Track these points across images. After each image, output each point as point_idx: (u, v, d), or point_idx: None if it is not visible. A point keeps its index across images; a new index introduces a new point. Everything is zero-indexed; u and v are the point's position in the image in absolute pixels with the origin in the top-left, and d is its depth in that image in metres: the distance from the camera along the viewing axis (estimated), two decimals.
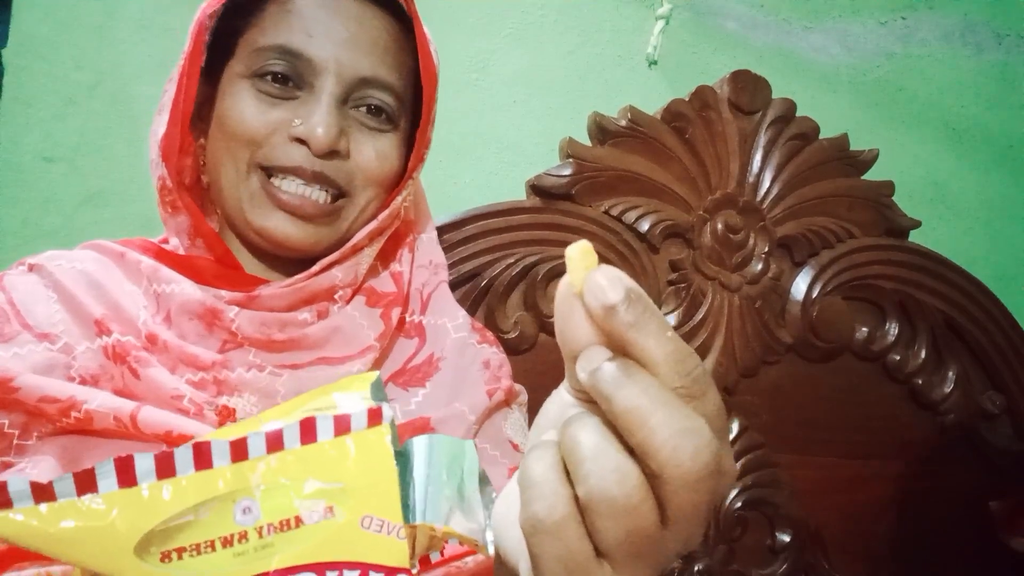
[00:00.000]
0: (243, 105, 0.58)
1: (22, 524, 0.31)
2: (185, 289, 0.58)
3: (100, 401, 0.52)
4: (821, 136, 0.98)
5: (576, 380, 0.29)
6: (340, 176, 0.60)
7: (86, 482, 0.32)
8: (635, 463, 0.26)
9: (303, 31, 0.58)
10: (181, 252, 0.62)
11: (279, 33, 0.58)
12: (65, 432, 0.53)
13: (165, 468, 0.33)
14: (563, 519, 0.27)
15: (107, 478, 0.33)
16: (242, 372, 0.56)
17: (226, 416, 0.55)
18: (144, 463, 0.33)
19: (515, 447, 0.64)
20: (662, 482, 0.26)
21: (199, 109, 0.61)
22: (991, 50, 1.52)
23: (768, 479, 0.93)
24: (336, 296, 0.62)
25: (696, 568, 0.90)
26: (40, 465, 0.51)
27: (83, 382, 0.54)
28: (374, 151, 0.61)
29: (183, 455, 0.33)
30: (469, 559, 0.51)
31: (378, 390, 0.40)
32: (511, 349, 0.84)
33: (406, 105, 0.63)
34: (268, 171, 0.59)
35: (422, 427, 0.59)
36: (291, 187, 0.58)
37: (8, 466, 0.52)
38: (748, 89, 0.95)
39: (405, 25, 0.63)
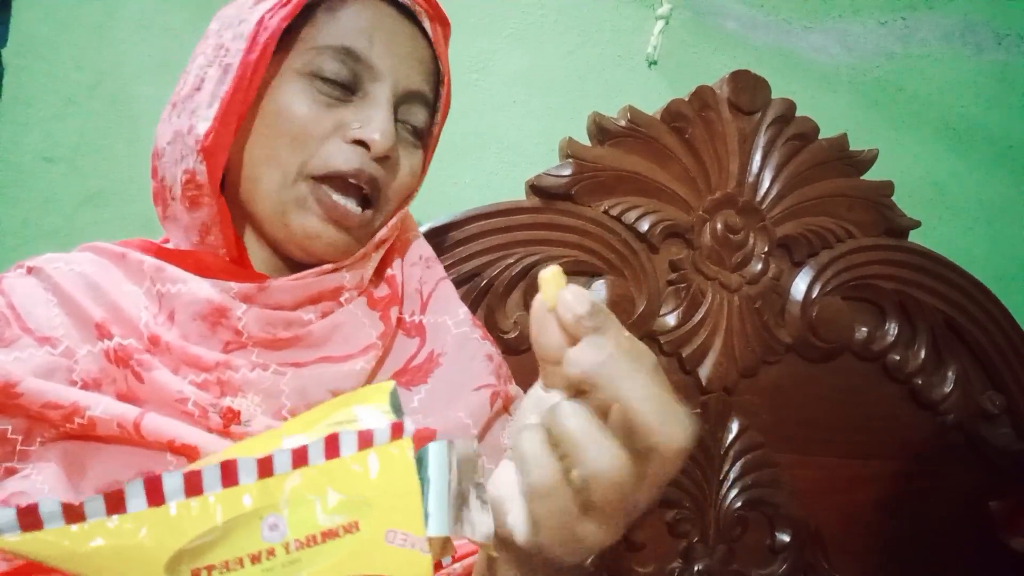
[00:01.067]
0: (299, 104, 0.58)
1: (53, 544, 0.32)
2: (192, 288, 0.58)
3: (103, 407, 0.52)
4: (821, 136, 0.98)
5: (553, 379, 0.36)
6: (384, 183, 0.61)
7: (115, 502, 0.33)
8: (621, 445, 0.32)
9: (365, 36, 0.59)
10: (185, 248, 0.61)
11: (341, 34, 0.59)
12: (69, 437, 0.53)
13: (193, 486, 0.34)
14: (556, 485, 0.33)
15: (136, 497, 0.33)
16: (246, 372, 0.56)
17: (230, 419, 0.54)
18: (172, 481, 0.33)
19: None
20: (648, 455, 0.32)
21: None
22: (991, 50, 1.52)
23: (768, 479, 0.93)
24: (342, 298, 0.62)
25: (696, 568, 0.90)
26: (45, 472, 0.51)
27: (85, 386, 0.54)
28: (410, 167, 0.63)
29: (210, 473, 0.34)
30: (458, 565, 0.52)
31: (395, 399, 0.41)
32: (511, 349, 0.84)
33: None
34: (319, 180, 0.59)
35: (428, 438, 0.59)
36: (338, 197, 0.59)
37: (12, 472, 0.52)
38: (748, 89, 0.95)
39: (431, 51, 0.65)
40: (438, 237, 0.83)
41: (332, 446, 0.35)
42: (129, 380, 0.55)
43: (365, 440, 0.36)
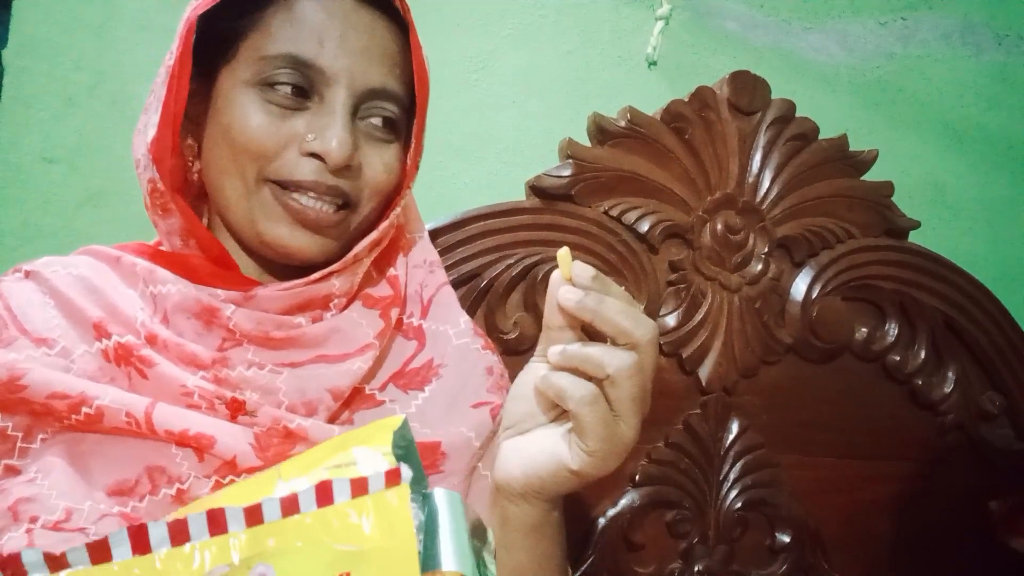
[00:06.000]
0: (252, 117, 0.56)
1: None
2: (181, 288, 0.58)
3: (112, 397, 0.52)
4: (821, 136, 0.98)
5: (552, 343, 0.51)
6: (351, 189, 0.59)
7: (100, 552, 0.33)
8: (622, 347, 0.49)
9: (314, 39, 0.56)
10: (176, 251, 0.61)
11: (288, 41, 0.56)
12: (71, 430, 0.53)
13: (179, 535, 0.33)
14: (596, 392, 0.48)
15: (121, 546, 0.33)
16: (242, 371, 0.56)
17: (236, 409, 0.54)
18: (157, 531, 0.33)
19: None
20: (635, 349, 0.48)
21: (188, 108, 0.60)
22: (991, 50, 1.52)
23: (768, 479, 0.93)
24: (331, 304, 0.61)
25: (696, 568, 0.90)
26: (51, 475, 0.51)
27: None
28: (382, 164, 0.60)
29: (197, 521, 0.34)
30: None
31: (403, 435, 0.41)
32: (511, 350, 0.84)
33: (407, 114, 0.63)
34: (280, 184, 0.58)
35: (432, 449, 0.59)
36: (305, 200, 0.58)
37: (12, 470, 0.52)
38: (748, 89, 0.95)
39: (403, 32, 0.62)
40: (438, 237, 0.83)
41: (324, 494, 0.35)
42: (132, 377, 0.55)
43: (359, 488, 0.35)
